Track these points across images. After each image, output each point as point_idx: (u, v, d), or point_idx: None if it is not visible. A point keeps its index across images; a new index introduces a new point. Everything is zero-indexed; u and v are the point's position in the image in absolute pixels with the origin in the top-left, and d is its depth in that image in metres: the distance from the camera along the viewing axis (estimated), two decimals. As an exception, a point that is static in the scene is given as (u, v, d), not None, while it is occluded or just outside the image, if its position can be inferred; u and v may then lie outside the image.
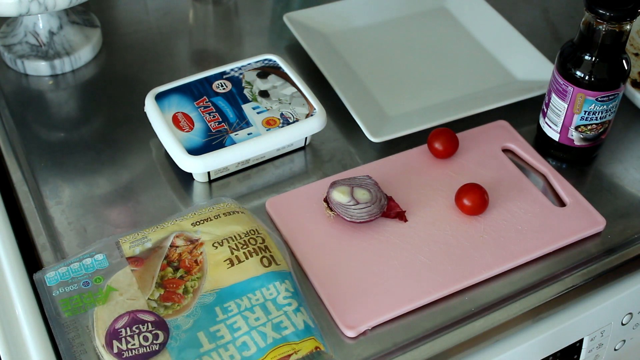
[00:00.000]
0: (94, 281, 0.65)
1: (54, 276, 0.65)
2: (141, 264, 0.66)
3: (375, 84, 0.90)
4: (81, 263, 0.66)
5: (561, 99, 0.79)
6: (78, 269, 0.65)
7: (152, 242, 0.68)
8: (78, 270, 0.65)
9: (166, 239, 0.68)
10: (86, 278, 0.65)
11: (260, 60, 0.86)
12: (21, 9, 0.78)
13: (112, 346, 0.60)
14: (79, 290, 0.64)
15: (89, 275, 0.65)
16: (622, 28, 0.73)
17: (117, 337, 0.61)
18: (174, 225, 0.70)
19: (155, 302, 0.64)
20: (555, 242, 0.74)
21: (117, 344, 0.61)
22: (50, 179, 0.79)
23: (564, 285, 0.72)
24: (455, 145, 0.81)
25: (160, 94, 0.81)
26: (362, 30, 0.98)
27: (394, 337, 0.67)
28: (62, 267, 0.66)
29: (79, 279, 0.65)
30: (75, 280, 0.65)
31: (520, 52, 0.94)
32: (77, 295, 0.64)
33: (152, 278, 0.65)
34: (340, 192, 0.75)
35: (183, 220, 0.70)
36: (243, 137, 0.77)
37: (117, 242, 0.68)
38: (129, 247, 0.67)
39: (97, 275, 0.65)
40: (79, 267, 0.66)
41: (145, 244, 0.68)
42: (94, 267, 0.66)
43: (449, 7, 1.02)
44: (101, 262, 0.66)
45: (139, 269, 0.66)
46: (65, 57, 0.90)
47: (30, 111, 0.86)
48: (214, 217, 0.71)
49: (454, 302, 0.69)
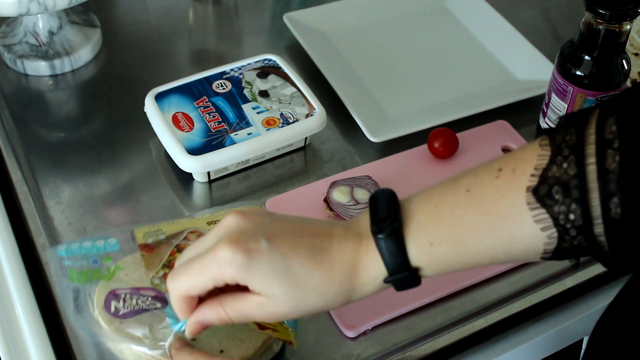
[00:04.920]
0: (102, 260, 0.65)
1: (65, 249, 0.65)
2: (151, 250, 0.66)
3: (375, 84, 0.90)
4: (94, 243, 0.66)
5: (561, 99, 0.79)
6: (90, 248, 0.66)
7: (166, 235, 0.68)
8: (90, 249, 0.66)
9: (180, 233, 0.68)
10: (96, 257, 0.65)
11: (260, 60, 0.86)
12: (21, 9, 0.78)
13: (110, 306, 0.61)
14: (88, 266, 0.64)
15: (99, 255, 0.65)
16: (622, 28, 0.73)
17: (116, 299, 0.61)
18: (189, 222, 0.70)
19: (159, 279, 0.64)
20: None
21: (115, 304, 0.61)
22: (50, 179, 0.79)
23: (563, 286, 0.72)
24: (455, 145, 0.80)
25: (160, 94, 0.81)
26: (362, 30, 0.98)
27: (394, 337, 0.67)
28: (75, 244, 0.66)
29: (89, 256, 0.65)
30: (86, 257, 0.65)
31: (520, 52, 0.94)
32: (85, 271, 0.64)
33: (159, 261, 0.65)
34: (340, 192, 0.75)
35: (199, 219, 0.70)
36: (243, 137, 0.77)
37: (132, 232, 0.68)
38: (143, 237, 0.67)
39: (107, 256, 0.65)
40: (91, 246, 0.66)
41: (159, 236, 0.68)
42: (105, 249, 0.66)
43: (449, 7, 1.02)
44: (113, 245, 0.66)
45: (148, 254, 0.66)
46: (65, 57, 0.90)
47: (30, 111, 0.86)
48: None
49: (454, 302, 0.69)
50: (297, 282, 0.51)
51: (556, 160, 0.47)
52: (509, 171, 0.49)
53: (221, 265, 0.51)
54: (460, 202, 0.50)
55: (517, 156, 0.49)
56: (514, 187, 0.48)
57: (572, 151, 0.46)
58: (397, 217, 0.51)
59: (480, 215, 0.49)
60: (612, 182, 0.44)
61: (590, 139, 0.46)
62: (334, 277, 0.52)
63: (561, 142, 0.47)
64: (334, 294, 0.52)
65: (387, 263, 0.51)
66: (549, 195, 0.46)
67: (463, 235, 0.50)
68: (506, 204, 0.48)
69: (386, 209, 0.52)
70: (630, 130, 0.45)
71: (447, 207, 0.50)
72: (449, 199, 0.51)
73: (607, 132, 0.45)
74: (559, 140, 0.47)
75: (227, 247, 0.51)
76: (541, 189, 0.47)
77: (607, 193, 0.44)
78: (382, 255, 0.51)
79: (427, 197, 0.52)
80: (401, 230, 0.51)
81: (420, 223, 0.51)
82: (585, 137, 0.46)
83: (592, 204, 0.45)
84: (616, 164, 0.44)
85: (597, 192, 0.45)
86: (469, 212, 0.49)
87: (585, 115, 0.47)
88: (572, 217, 0.46)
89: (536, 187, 0.47)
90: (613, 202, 0.44)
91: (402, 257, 0.51)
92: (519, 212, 0.47)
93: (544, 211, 0.47)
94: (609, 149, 0.45)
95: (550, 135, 0.48)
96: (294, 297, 0.51)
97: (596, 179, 0.45)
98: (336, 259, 0.52)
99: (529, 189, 0.47)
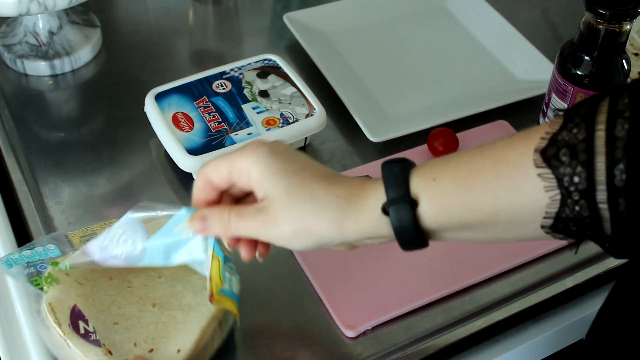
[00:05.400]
0: (50, 264, 0.63)
1: (5, 261, 0.63)
2: None
3: (375, 84, 0.90)
4: (33, 251, 0.64)
5: (561, 99, 0.79)
6: (31, 255, 0.64)
7: None
8: (32, 257, 0.64)
9: None
10: (42, 262, 0.64)
11: (260, 60, 0.86)
12: (21, 9, 0.78)
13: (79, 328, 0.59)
14: (37, 272, 0.63)
15: (44, 260, 0.64)
16: (622, 28, 0.73)
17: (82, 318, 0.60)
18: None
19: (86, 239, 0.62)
20: (556, 242, 0.73)
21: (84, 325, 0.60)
22: (50, 179, 0.79)
23: (563, 286, 0.72)
24: (455, 145, 0.80)
25: (160, 94, 0.81)
26: (362, 30, 0.98)
27: (394, 337, 0.67)
28: (14, 254, 0.64)
29: (34, 263, 0.64)
30: (32, 264, 0.63)
31: (520, 52, 0.94)
32: (38, 277, 0.63)
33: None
34: (340, 192, 0.75)
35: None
36: (243, 137, 0.77)
37: (67, 236, 0.66)
38: (79, 241, 0.66)
39: (52, 260, 0.64)
40: (32, 254, 0.64)
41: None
42: (47, 255, 0.64)
43: (449, 7, 1.02)
44: (53, 251, 0.65)
45: None
46: (65, 57, 0.90)
47: (30, 111, 0.87)
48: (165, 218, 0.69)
49: (454, 302, 0.69)
50: (304, 193, 0.53)
51: (567, 126, 0.48)
52: (521, 134, 0.50)
53: (245, 151, 0.55)
54: (469, 153, 0.52)
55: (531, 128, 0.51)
56: (524, 141, 0.49)
57: (583, 119, 0.47)
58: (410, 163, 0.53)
59: (486, 161, 0.50)
60: (619, 148, 0.45)
61: (603, 109, 0.47)
62: (335, 190, 0.54)
63: (575, 113, 0.48)
64: (329, 206, 0.53)
65: (386, 187, 0.52)
66: (556, 157, 0.47)
67: (467, 175, 0.51)
68: (513, 154, 0.49)
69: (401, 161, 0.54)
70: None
71: (457, 155, 0.52)
72: (461, 154, 0.53)
73: (619, 104, 0.46)
74: (572, 112, 0.48)
75: (257, 141, 0.56)
76: (549, 150, 0.47)
77: (614, 159, 0.45)
78: (384, 181, 0.53)
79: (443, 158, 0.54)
80: (409, 164, 0.53)
81: (428, 164, 0.53)
82: (598, 107, 0.47)
83: (598, 168, 0.46)
84: (624, 132, 0.45)
85: (603, 156, 0.45)
86: (476, 158, 0.51)
87: (601, 95, 0.48)
88: (577, 180, 0.46)
89: (545, 148, 0.48)
90: (618, 169, 0.45)
91: (404, 183, 0.52)
92: (524, 165, 0.48)
93: (549, 171, 0.47)
94: (620, 117, 0.46)
95: (567, 110, 0.49)
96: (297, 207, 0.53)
97: (604, 144, 0.46)
98: (344, 181, 0.55)
99: (537, 149, 0.48)
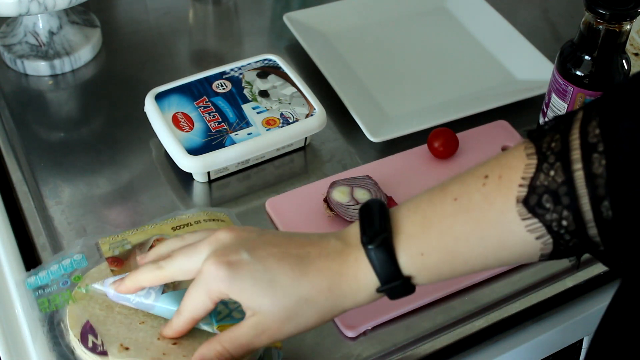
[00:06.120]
0: (72, 280, 0.64)
1: (34, 281, 0.65)
2: (120, 264, 0.65)
3: (375, 84, 0.90)
4: (60, 265, 0.66)
5: (561, 99, 0.79)
6: (57, 271, 0.65)
7: (132, 245, 0.67)
8: (57, 272, 0.65)
9: (146, 242, 0.68)
10: (65, 278, 0.65)
11: (260, 60, 0.86)
12: (21, 9, 0.78)
13: (87, 341, 0.60)
14: (58, 290, 0.64)
15: (67, 275, 0.65)
16: (622, 28, 0.73)
17: (92, 332, 0.60)
18: (154, 228, 0.69)
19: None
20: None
21: (92, 339, 0.60)
22: (50, 179, 0.79)
23: (563, 286, 0.72)
24: (455, 145, 0.80)
25: (160, 94, 0.81)
26: (362, 30, 0.98)
27: (394, 337, 0.67)
28: (42, 272, 0.65)
29: (57, 279, 0.65)
30: (55, 282, 0.64)
31: (520, 52, 0.94)
32: (56, 295, 0.64)
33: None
34: (340, 192, 0.75)
35: (164, 224, 0.70)
36: (243, 137, 0.77)
37: (97, 244, 0.67)
38: (109, 249, 0.67)
39: (75, 274, 0.65)
40: (58, 268, 0.65)
41: (125, 246, 0.67)
42: (72, 267, 0.65)
43: (449, 7, 1.02)
44: (80, 261, 0.66)
45: (117, 269, 0.65)
46: (65, 57, 0.90)
47: (30, 111, 0.86)
48: (195, 222, 0.70)
49: (454, 302, 0.69)
50: (284, 292, 0.52)
51: (542, 168, 0.47)
52: (495, 178, 0.49)
53: (208, 280, 0.53)
54: (448, 211, 0.50)
55: (502, 162, 0.49)
56: (501, 195, 0.48)
57: (557, 158, 0.46)
58: (387, 227, 0.51)
59: (469, 224, 0.49)
60: (600, 186, 0.44)
61: (575, 144, 0.46)
62: (322, 284, 0.52)
63: (547, 149, 0.47)
64: (325, 300, 0.52)
65: (378, 273, 0.51)
66: (539, 205, 0.46)
67: (453, 244, 0.50)
68: (494, 212, 0.48)
69: (375, 220, 0.52)
70: (612, 131, 0.45)
71: (436, 216, 0.51)
72: (437, 208, 0.51)
73: (590, 135, 0.45)
74: (544, 147, 0.47)
75: (210, 261, 0.53)
76: (531, 199, 0.47)
77: (597, 197, 0.45)
78: (373, 265, 0.51)
79: (415, 206, 0.52)
80: (391, 240, 0.51)
81: (409, 233, 0.51)
82: (570, 142, 0.46)
83: (584, 209, 0.45)
84: (603, 168, 0.44)
85: (586, 197, 0.45)
86: (458, 222, 0.50)
87: (570, 120, 0.47)
88: (565, 224, 0.46)
89: (526, 197, 0.47)
90: (604, 206, 0.45)
91: (393, 266, 0.51)
92: (508, 221, 0.48)
93: (536, 220, 0.47)
94: (594, 152, 0.45)
95: (535, 142, 0.48)
96: (285, 309, 0.52)
97: (584, 184, 0.45)
98: (323, 268, 0.52)
99: (519, 200, 0.47)
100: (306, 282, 0.52)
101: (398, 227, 0.52)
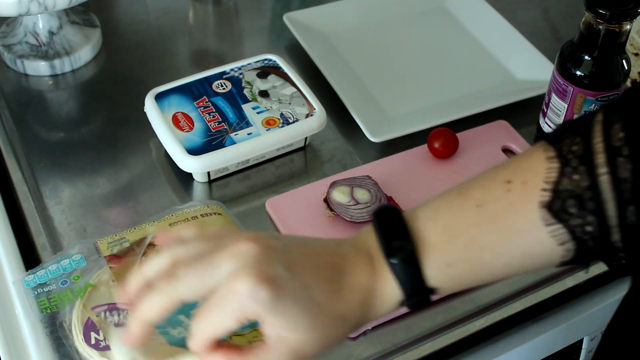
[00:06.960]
0: (72, 279, 0.64)
1: (32, 279, 0.65)
2: (119, 261, 0.66)
3: (375, 84, 0.90)
4: (59, 265, 0.66)
5: (561, 99, 0.79)
6: (56, 270, 0.65)
7: (130, 243, 0.68)
8: (56, 272, 0.65)
9: (144, 239, 0.68)
10: (64, 277, 0.65)
11: (260, 60, 0.86)
12: (21, 9, 0.78)
13: (90, 338, 0.60)
14: (57, 289, 0.64)
15: (67, 275, 0.65)
16: (622, 28, 0.73)
17: (94, 329, 0.61)
18: (151, 226, 0.69)
19: None
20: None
21: (95, 335, 0.60)
22: (50, 179, 0.79)
23: (563, 286, 0.72)
24: (455, 145, 0.80)
25: (160, 94, 0.81)
26: (362, 30, 0.98)
27: (394, 337, 0.67)
28: (40, 271, 0.66)
29: (56, 279, 0.65)
30: (54, 281, 0.65)
31: (520, 52, 0.94)
32: (55, 294, 0.64)
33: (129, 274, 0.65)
34: (340, 192, 0.75)
35: (161, 221, 0.70)
36: (243, 137, 0.77)
37: (95, 244, 0.68)
38: (107, 248, 0.67)
39: (75, 274, 0.65)
40: (57, 268, 0.66)
41: (123, 244, 0.67)
42: (72, 267, 0.66)
43: (449, 7, 1.02)
44: (79, 261, 0.66)
45: (116, 266, 0.65)
46: (65, 57, 0.90)
47: (30, 111, 0.86)
48: (191, 218, 0.70)
49: (454, 302, 0.69)
50: (321, 312, 0.47)
51: (565, 171, 0.46)
52: (519, 184, 0.47)
53: (244, 302, 0.45)
54: (472, 219, 0.48)
55: (524, 166, 0.48)
56: (527, 201, 0.47)
57: (581, 162, 0.45)
58: (408, 238, 0.48)
59: (495, 234, 0.48)
60: (627, 191, 0.44)
61: (599, 148, 0.45)
62: (355, 301, 0.48)
63: (568, 152, 0.46)
64: (357, 317, 0.49)
65: (403, 286, 0.48)
66: (563, 210, 0.45)
67: (479, 254, 0.48)
68: (521, 220, 0.47)
69: (394, 229, 0.49)
70: (637, 135, 0.44)
71: (460, 225, 0.48)
72: (460, 216, 0.49)
73: (614, 139, 0.45)
74: (565, 150, 0.46)
75: (244, 280, 0.45)
76: (555, 204, 0.46)
77: (623, 202, 0.44)
78: (398, 279, 0.48)
79: (435, 214, 0.50)
80: (415, 252, 0.48)
81: (434, 244, 0.48)
82: (593, 146, 0.45)
83: (609, 214, 0.44)
84: (629, 172, 0.44)
85: (612, 202, 0.44)
86: (483, 231, 0.48)
87: (589, 122, 0.46)
88: (589, 229, 0.45)
89: (550, 202, 0.46)
90: (629, 211, 0.44)
91: (419, 280, 0.48)
92: (534, 229, 0.46)
93: (560, 226, 0.46)
94: (620, 157, 0.44)
95: (555, 145, 0.47)
96: (321, 329, 0.47)
97: (610, 189, 0.44)
98: (355, 284, 0.48)
99: (542, 205, 0.46)
100: (341, 299, 0.48)
101: (420, 237, 0.49)
